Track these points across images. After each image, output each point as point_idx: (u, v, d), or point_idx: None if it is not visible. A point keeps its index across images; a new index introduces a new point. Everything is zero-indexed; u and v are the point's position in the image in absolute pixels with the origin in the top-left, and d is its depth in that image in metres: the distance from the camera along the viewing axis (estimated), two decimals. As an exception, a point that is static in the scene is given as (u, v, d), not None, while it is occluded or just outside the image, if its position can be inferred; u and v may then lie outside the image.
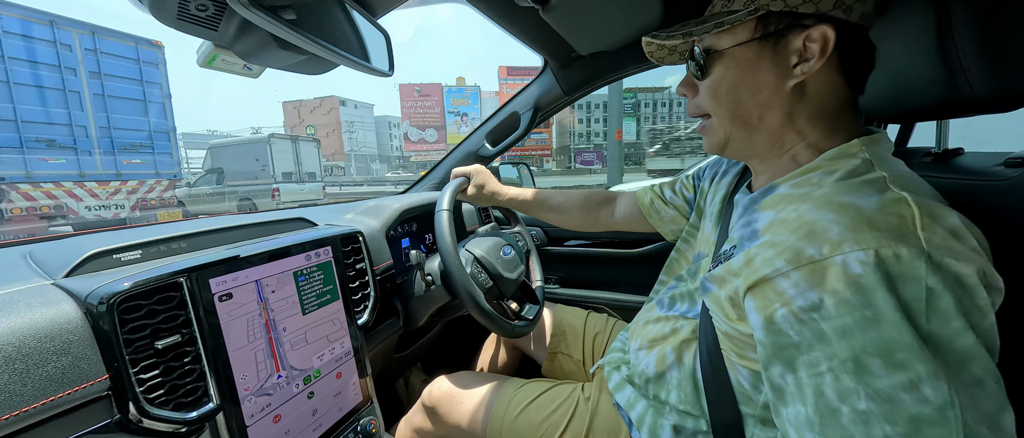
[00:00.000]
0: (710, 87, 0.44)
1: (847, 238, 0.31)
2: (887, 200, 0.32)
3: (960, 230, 0.31)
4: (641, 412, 0.57)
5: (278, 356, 0.53)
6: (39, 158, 5.76)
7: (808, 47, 0.38)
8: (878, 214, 0.31)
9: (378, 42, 0.59)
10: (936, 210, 0.32)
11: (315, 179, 10.53)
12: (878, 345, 0.29)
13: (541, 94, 1.07)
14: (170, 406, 0.41)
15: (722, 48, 0.42)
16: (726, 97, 0.43)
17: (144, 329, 0.40)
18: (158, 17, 0.39)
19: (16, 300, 0.36)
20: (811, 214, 0.34)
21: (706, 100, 0.45)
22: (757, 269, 0.35)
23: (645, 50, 0.52)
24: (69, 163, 6.04)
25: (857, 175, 0.36)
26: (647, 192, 0.78)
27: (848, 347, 0.29)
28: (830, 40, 0.37)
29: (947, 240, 0.30)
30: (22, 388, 0.32)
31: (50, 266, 0.45)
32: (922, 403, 0.27)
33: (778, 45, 0.39)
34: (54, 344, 0.35)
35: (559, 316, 0.92)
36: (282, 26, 0.38)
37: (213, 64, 0.48)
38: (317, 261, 0.60)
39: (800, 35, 0.38)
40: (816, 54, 0.38)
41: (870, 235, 0.30)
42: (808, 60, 0.38)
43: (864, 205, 0.32)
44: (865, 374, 0.29)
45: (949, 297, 0.28)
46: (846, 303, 0.30)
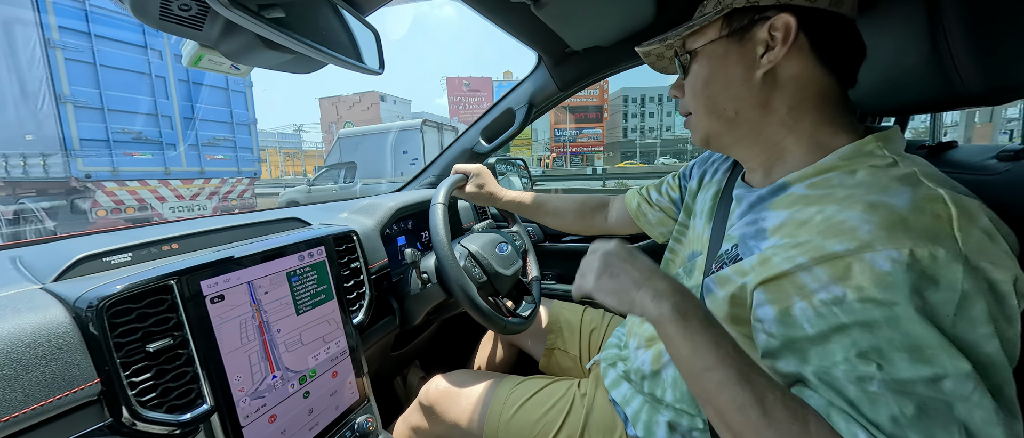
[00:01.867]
0: (690, 84, 0.47)
1: (879, 237, 0.30)
2: (921, 197, 0.31)
3: (992, 232, 0.30)
4: (637, 408, 0.58)
5: (272, 357, 0.53)
6: (125, 152, 5.20)
7: (772, 36, 0.40)
8: (911, 213, 0.30)
9: (368, 40, 0.58)
10: (971, 209, 0.31)
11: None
12: (906, 341, 0.28)
13: (535, 90, 1.06)
14: (163, 408, 0.41)
15: (696, 47, 0.45)
16: (701, 93, 0.46)
17: (135, 332, 0.40)
18: (140, 17, 0.38)
19: (3, 306, 0.36)
20: (838, 215, 0.33)
21: (688, 97, 0.48)
22: (775, 265, 0.35)
23: (645, 61, 0.55)
24: (154, 158, 5.48)
25: (884, 172, 0.35)
26: (634, 195, 0.78)
27: (872, 339, 0.29)
28: (792, 26, 0.38)
29: (983, 243, 0.29)
30: (11, 394, 0.32)
31: (39, 270, 0.45)
32: (941, 395, 0.28)
33: (743, 39, 0.42)
34: (43, 349, 0.35)
35: (556, 312, 0.93)
36: (266, 26, 0.38)
37: (199, 64, 0.48)
38: (310, 261, 0.60)
39: (764, 26, 0.40)
40: (780, 41, 0.39)
41: (904, 235, 0.29)
42: (773, 49, 0.40)
43: (896, 203, 0.31)
44: (888, 365, 0.29)
45: (982, 303, 0.28)
46: (871, 300, 0.29)
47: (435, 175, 1.18)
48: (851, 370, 0.30)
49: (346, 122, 29.95)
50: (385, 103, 31.26)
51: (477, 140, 1.15)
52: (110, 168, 5.13)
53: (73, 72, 4.75)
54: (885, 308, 0.29)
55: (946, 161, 0.49)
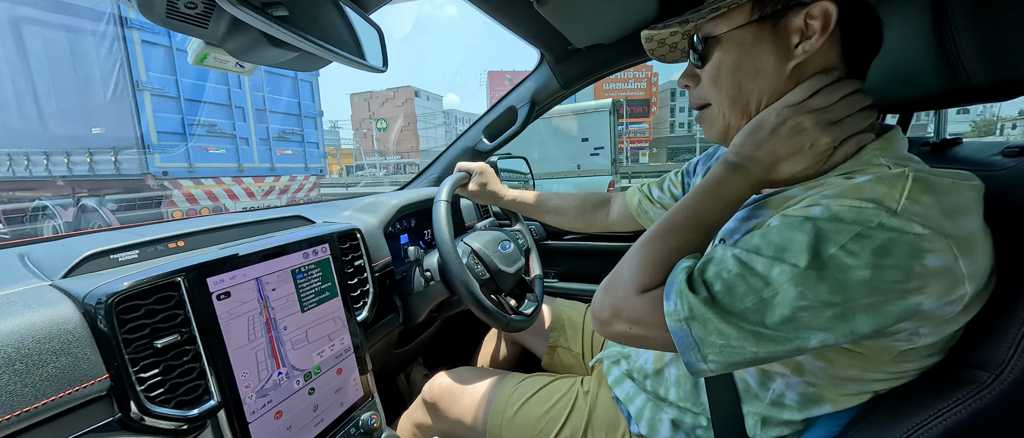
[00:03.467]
0: (710, 73, 0.44)
1: (827, 200, 0.33)
2: (886, 175, 0.33)
3: (954, 211, 0.30)
4: (640, 406, 0.58)
5: (279, 354, 0.53)
6: (200, 147, 4.75)
7: (809, 25, 0.37)
8: (869, 184, 0.32)
9: (371, 38, 0.59)
10: (938, 185, 0.31)
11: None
12: (779, 242, 0.33)
13: (537, 88, 1.06)
14: (171, 404, 0.41)
15: (720, 33, 0.41)
16: (726, 81, 0.42)
17: (143, 328, 0.41)
18: (146, 15, 0.39)
19: (14, 302, 0.36)
20: (814, 196, 0.35)
21: (707, 87, 0.45)
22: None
23: (646, 48, 0.52)
24: (228, 153, 5.03)
25: (869, 168, 0.36)
26: (635, 192, 0.78)
27: (760, 241, 0.34)
28: (832, 15, 0.36)
29: (930, 210, 0.30)
30: (22, 389, 0.32)
31: (47, 267, 0.45)
32: (764, 270, 0.33)
33: (777, 25, 0.39)
34: (53, 344, 0.35)
35: (558, 310, 0.93)
36: (272, 23, 0.38)
37: (205, 62, 0.48)
38: (315, 259, 0.61)
39: (800, 13, 0.37)
40: (817, 31, 0.37)
41: (850, 197, 0.32)
42: (809, 38, 0.38)
43: (858, 179, 0.33)
44: (754, 254, 0.34)
45: (875, 242, 0.29)
46: (780, 224, 0.33)
47: (437, 173, 1.18)
48: (740, 249, 0.35)
49: (379, 119, 28.13)
50: (419, 99, 29.38)
51: (479, 138, 1.15)
52: (186, 164, 4.65)
53: (149, 56, 4.27)
54: (786, 225, 0.33)
55: (951, 157, 0.49)
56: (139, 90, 4.18)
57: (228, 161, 5.05)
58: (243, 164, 5.16)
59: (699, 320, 0.34)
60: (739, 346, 0.33)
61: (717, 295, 0.34)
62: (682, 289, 0.35)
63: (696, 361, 0.35)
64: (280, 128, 5.56)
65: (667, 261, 0.39)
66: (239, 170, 5.15)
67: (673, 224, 0.41)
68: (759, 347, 0.33)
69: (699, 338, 0.34)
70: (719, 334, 0.33)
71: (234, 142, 5.07)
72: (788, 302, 0.31)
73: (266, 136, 5.39)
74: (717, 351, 0.34)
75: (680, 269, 0.37)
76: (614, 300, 0.40)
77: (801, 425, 0.44)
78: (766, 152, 0.39)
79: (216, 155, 4.93)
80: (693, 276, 0.36)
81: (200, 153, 4.75)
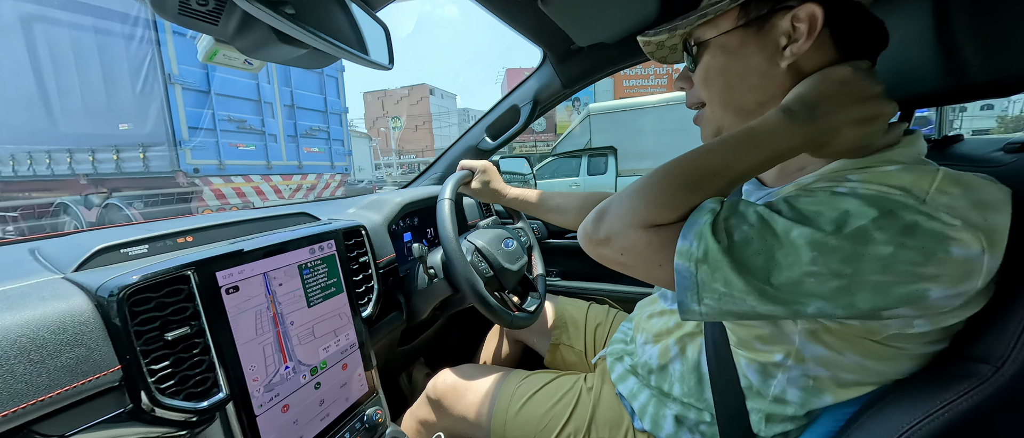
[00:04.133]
0: (701, 76, 0.46)
1: (855, 182, 0.33)
2: (916, 165, 0.33)
3: (982, 203, 0.30)
4: (644, 402, 0.58)
5: (286, 349, 0.53)
6: (230, 143, 4.51)
7: (796, 27, 0.38)
8: (898, 172, 0.32)
9: (378, 35, 0.59)
10: (967, 180, 0.31)
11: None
12: (805, 209, 0.33)
13: (540, 87, 1.06)
14: (181, 396, 0.42)
15: (708, 38, 0.43)
16: (716, 82, 0.44)
17: (154, 321, 0.41)
18: (159, 12, 0.39)
19: (29, 293, 0.37)
20: (841, 175, 0.35)
21: (699, 88, 0.47)
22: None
23: (644, 51, 0.53)
24: (257, 150, 4.79)
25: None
26: None
27: (786, 202, 0.34)
28: (818, 18, 0.37)
29: (957, 201, 0.30)
30: (38, 378, 0.33)
31: (59, 261, 0.45)
32: (783, 230, 0.32)
33: (762, 30, 0.40)
34: (67, 335, 0.35)
35: (561, 308, 0.93)
36: (282, 20, 0.38)
37: (214, 59, 0.49)
38: (321, 255, 0.61)
39: (786, 16, 0.39)
40: (804, 34, 0.38)
41: (877, 181, 0.32)
42: (797, 41, 0.39)
43: (889, 168, 0.34)
44: (776, 214, 0.33)
45: (902, 222, 0.29)
46: (806, 196, 0.34)
47: (440, 172, 1.19)
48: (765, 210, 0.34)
49: (393, 117, 27.09)
50: (434, 97, 28.39)
51: (482, 137, 1.16)
52: (216, 161, 4.39)
53: (182, 48, 3.96)
54: (812, 196, 0.33)
55: (952, 154, 0.49)
56: (170, 83, 3.91)
57: (257, 158, 4.81)
58: (272, 161, 4.93)
59: (711, 264, 0.33)
60: (740, 298, 0.33)
61: (735, 244, 0.33)
62: (704, 231, 0.33)
63: (690, 302, 0.34)
64: (307, 125, 5.35)
65: (686, 204, 0.36)
66: (268, 168, 4.90)
67: (702, 167, 0.37)
68: (758, 303, 0.32)
69: (702, 282, 0.33)
70: (725, 282, 0.32)
71: (263, 139, 4.83)
72: (799, 265, 0.31)
73: (293, 133, 5.18)
74: (716, 298, 0.33)
75: (705, 209, 0.35)
76: (613, 225, 0.38)
77: (804, 420, 0.44)
78: (831, 107, 0.35)
79: (245, 152, 4.69)
80: (718, 220, 0.34)
81: (230, 150, 4.51)
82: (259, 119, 4.80)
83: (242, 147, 4.66)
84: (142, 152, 4.21)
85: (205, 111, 4.25)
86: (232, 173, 4.58)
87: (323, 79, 5.49)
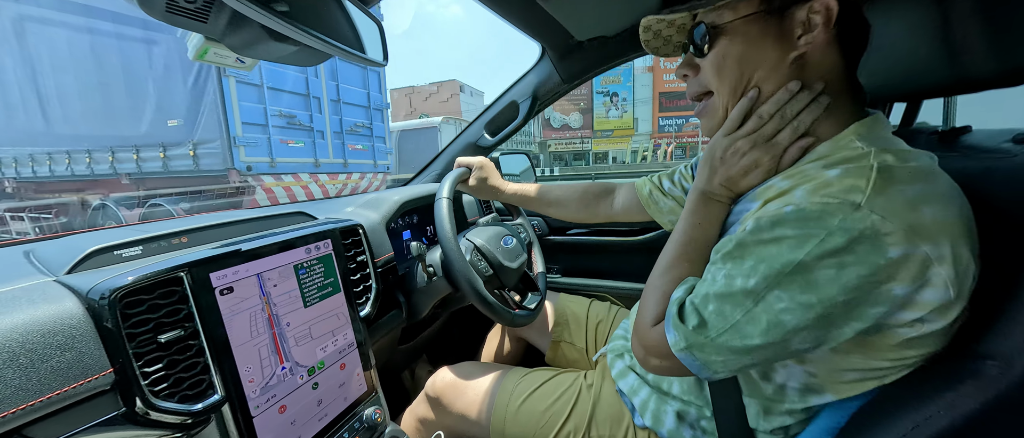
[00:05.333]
0: (713, 62, 0.44)
1: (801, 196, 0.35)
2: (853, 167, 0.35)
3: (917, 201, 0.32)
4: (644, 398, 0.58)
5: (282, 350, 0.53)
6: (281, 140, 4.32)
7: (811, 18, 0.38)
8: (837, 178, 0.34)
9: (371, 31, 0.58)
10: (900, 175, 0.33)
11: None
12: (757, 252, 0.36)
13: (539, 83, 1.05)
14: (175, 398, 0.41)
15: (725, 22, 0.42)
16: (731, 71, 0.43)
17: (147, 323, 0.41)
18: (147, 10, 0.38)
19: (19, 297, 0.36)
20: (793, 190, 0.37)
21: (709, 76, 0.45)
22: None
23: (642, 39, 0.52)
24: (305, 147, 4.59)
25: (841, 155, 0.37)
26: (646, 183, 0.78)
27: (731, 241, 0.38)
28: (833, 10, 0.38)
29: (892, 201, 0.31)
30: (27, 383, 0.33)
31: (52, 263, 0.45)
32: (743, 285, 0.36)
33: (783, 17, 0.40)
34: (58, 339, 0.35)
35: (562, 305, 0.93)
36: (273, 17, 0.37)
37: (205, 57, 0.48)
38: (317, 254, 0.61)
39: (804, 7, 0.38)
40: (820, 25, 0.38)
41: (819, 194, 0.34)
42: (812, 31, 0.39)
43: (830, 174, 0.35)
44: (736, 267, 0.37)
45: (837, 242, 0.32)
46: (757, 229, 0.36)
47: (439, 170, 1.18)
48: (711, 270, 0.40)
49: (421, 115, 24.83)
50: (464, 94, 26.87)
51: (481, 134, 1.15)
52: (268, 159, 4.17)
53: None
54: (764, 232, 0.35)
55: (960, 146, 0.48)
56: (225, 76, 3.73)
57: (305, 156, 4.57)
58: (319, 159, 4.69)
59: (696, 346, 0.38)
60: (736, 358, 0.37)
61: (708, 319, 0.37)
62: (675, 322, 0.40)
63: (708, 375, 0.39)
64: (352, 121, 5.09)
65: (669, 293, 0.43)
66: (316, 165, 4.67)
67: (670, 258, 0.47)
68: (754, 356, 0.36)
69: (703, 361, 0.38)
70: (717, 353, 0.37)
71: (311, 135, 4.59)
72: (770, 308, 0.34)
73: (339, 129, 4.94)
74: (721, 365, 0.38)
75: (673, 301, 0.41)
76: (639, 338, 0.45)
77: (802, 414, 0.44)
78: (722, 178, 0.45)
79: (295, 149, 4.45)
80: (684, 306, 0.40)
81: (280, 147, 4.28)
82: (307, 115, 4.58)
83: (291, 144, 4.44)
84: (192, 150, 4.03)
85: (257, 106, 4.06)
86: (282, 172, 4.39)
87: (367, 73, 5.26)
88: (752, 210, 0.41)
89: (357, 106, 5.24)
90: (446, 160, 1.19)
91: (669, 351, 0.40)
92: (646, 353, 0.44)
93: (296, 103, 4.51)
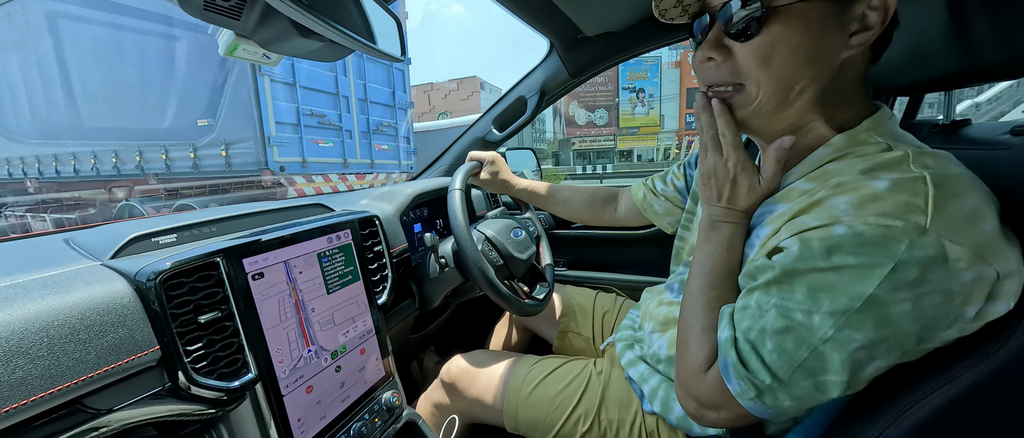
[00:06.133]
0: (760, 50, 0.36)
1: (849, 213, 0.32)
2: (902, 179, 0.32)
3: (975, 215, 0.30)
4: (654, 386, 0.59)
5: (308, 334, 0.56)
6: (312, 140, 4.32)
7: (867, 15, 0.34)
8: (888, 192, 0.31)
9: (389, 27, 0.60)
10: (954, 186, 0.31)
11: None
12: (814, 282, 0.33)
13: (547, 78, 1.07)
14: (214, 376, 0.44)
15: (785, 3, 0.34)
16: (782, 63, 0.36)
17: (187, 305, 0.43)
18: (186, 8, 0.41)
19: (73, 278, 0.39)
20: (827, 199, 0.35)
21: (750, 65, 0.37)
22: (770, 246, 0.38)
23: (656, 8, 0.44)
24: (334, 147, 4.60)
25: (875, 158, 0.35)
26: (639, 187, 0.79)
27: (775, 267, 0.35)
28: (891, 8, 0.34)
29: (955, 218, 0.30)
30: (86, 356, 0.35)
31: (94, 249, 0.48)
32: (805, 322, 0.33)
33: (846, 7, 0.35)
34: (111, 317, 0.38)
35: (568, 296, 0.95)
36: (302, 12, 0.40)
37: (235, 53, 0.50)
38: (338, 243, 0.63)
39: (862, 1, 0.34)
40: (875, 25, 0.34)
41: (872, 210, 0.31)
42: (866, 30, 0.35)
43: (877, 186, 0.32)
44: (791, 301, 0.34)
45: (911, 274, 0.29)
46: (809, 256, 0.33)
47: (449, 163, 1.20)
48: (764, 296, 0.36)
49: (441, 113, 24.42)
50: (484, 91, 26.08)
51: (489, 129, 1.16)
52: (300, 159, 4.17)
53: None
54: (819, 260, 0.32)
55: (960, 138, 0.50)
56: (260, 74, 3.70)
57: (335, 155, 4.60)
58: (347, 159, 4.73)
59: (768, 393, 0.35)
60: (809, 396, 0.34)
61: (770, 363, 0.34)
62: (738, 370, 0.36)
63: (781, 419, 0.38)
64: (378, 120, 5.13)
65: (708, 329, 0.41)
66: (344, 165, 4.71)
67: (696, 292, 0.43)
68: (826, 393, 0.34)
69: (775, 406, 0.35)
70: (790, 397, 0.34)
71: (339, 135, 4.63)
72: (842, 347, 0.31)
73: (366, 128, 4.98)
74: (795, 408, 0.35)
75: (724, 343, 0.37)
76: (689, 389, 0.41)
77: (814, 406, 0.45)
78: (725, 202, 0.43)
79: (325, 148, 4.47)
80: (740, 348, 0.36)
81: (311, 146, 4.28)
82: (337, 114, 4.57)
83: (322, 143, 4.43)
84: (224, 149, 4.00)
85: (290, 105, 4.02)
86: (313, 172, 4.37)
87: (391, 72, 5.26)
88: (778, 214, 0.39)
89: (382, 105, 5.29)
90: (454, 155, 1.21)
91: (732, 402, 0.36)
92: (700, 406, 0.40)
93: (326, 102, 4.50)
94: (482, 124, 1.17)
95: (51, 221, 4.83)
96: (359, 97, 4.91)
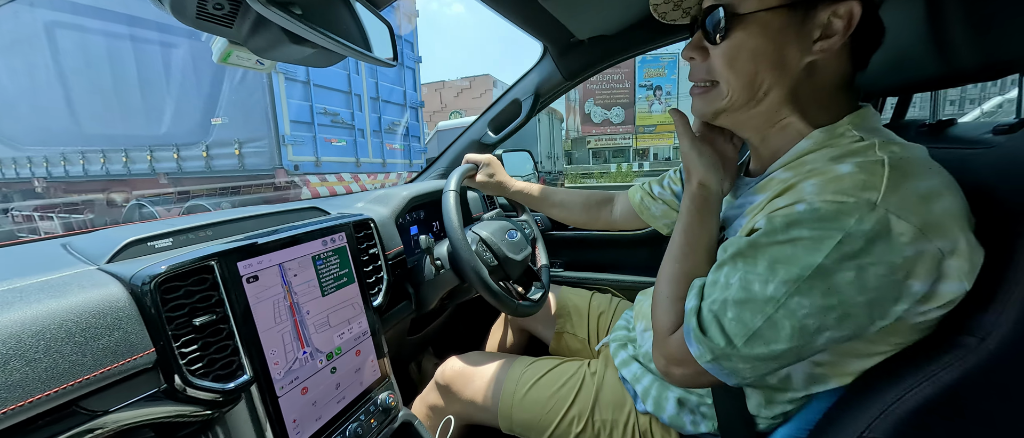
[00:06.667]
0: (726, 53, 0.40)
1: (812, 193, 0.35)
2: (865, 161, 0.34)
3: (930, 195, 0.32)
4: (647, 385, 0.60)
5: (303, 336, 0.56)
6: (325, 138, 4.26)
7: (832, 22, 0.36)
8: (849, 173, 0.34)
9: (382, 33, 0.61)
10: (912, 169, 0.33)
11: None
12: (772, 255, 0.35)
13: (541, 81, 1.08)
14: (210, 377, 0.45)
15: (747, 11, 0.38)
16: (744, 66, 0.40)
17: (182, 308, 0.44)
18: (178, 17, 0.41)
19: (70, 282, 0.40)
20: (801, 184, 0.37)
21: (720, 67, 0.41)
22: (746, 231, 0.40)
23: (651, 2, 0.48)
24: (347, 146, 4.55)
25: (846, 148, 0.38)
26: (637, 190, 0.80)
27: (743, 241, 0.38)
28: (855, 17, 0.36)
29: (907, 198, 0.32)
30: (82, 358, 0.36)
31: (91, 254, 0.49)
32: (762, 291, 0.36)
33: (807, 15, 0.37)
34: (107, 320, 0.38)
35: (564, 297, 0.95)
36: (293, 20, 0.40)
37: (228, 60, 0.51)
38: (333, 246, 0.64)
39: (827, 9, 0.36)
40: (839, 31, 0.36)
41: (831, 191, 0.33)
42: (829, 37, 0.37)
43: (841, 169, 0.35)
44: (752, 273, 0.37)
45: (855, 245, 0.31)
46: (772, 231, 0.36)
47: (445, 167, 1.21)
48: (730, 268, 0.39)
49: (453, 112, 23.78)
50: (496, 90, 25.20)
51: (485, 131, 1.17)
52: (313, 158, 4.11)
53: None
54: (780, 234, 0.35)
55: (945, 137, 0.50)
56: (275, 71, 3.68)
57: (347, 155, 4.54)
58: (360, 158, 4.67)
59: (723, 357, 0.38)
60: (764, 364, 0.37)
61: (729, 327, 0.37)
62: (697, 334, 0.39)
63: (736, 382, 0.40)
64: (390, 119, 5.08)
65: (681, 297, 0.43)
66: (357, 165, 4.65)
67: (672, 262, 0.47)
68: (781, 360, 0.37)
69: (730, 369, 0.38)
70: (743, 361, 0.37)
71: (352, 134, 4.57)
72: (792, 314, 0.34)
73: (378, 127, 4.93)
74: (749, 371, 0.38)
75: (689, 311, 0.41)
76: (659, 349, 0.45)
77: (802, 400, 0.46)
78: (698, 177, 0.47)
79: (338, 147, 4.41)
80: (702, 315, 0.39)
81: (325, 145, 4.22)
82: (349, 113, 4.52)
83: (335, 142, 4.37)
84: (238, 148, 3.93)
85: (304, 104, 3.96)
86: (326, 171, 4.31)
87: (402, 70, 5.21)
88: (757, 203, 0.41)
89: (394, 104, 5.24)
90: (450, 158, 1.22)
91: (692, 362, 0.40)
92: (668, 363, 0.44)
93: (339, 101, 4.46)
94: (478, 126, 1.18)
95: (58, 221, 4.82)
96: (371, 96, 4.89)
